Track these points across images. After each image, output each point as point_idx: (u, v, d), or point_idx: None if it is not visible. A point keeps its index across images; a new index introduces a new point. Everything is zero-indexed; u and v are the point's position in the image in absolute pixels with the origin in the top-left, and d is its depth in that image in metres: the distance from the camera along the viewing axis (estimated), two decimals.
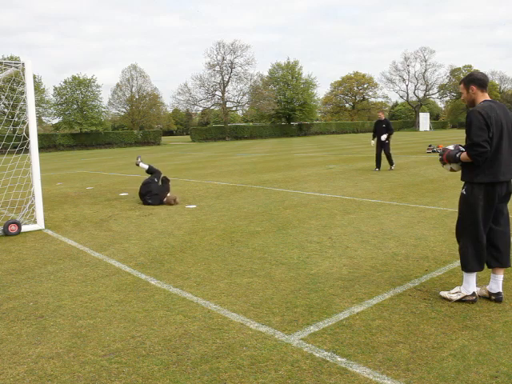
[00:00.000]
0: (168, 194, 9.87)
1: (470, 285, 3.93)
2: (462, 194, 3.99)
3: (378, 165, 14.88)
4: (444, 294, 4.06)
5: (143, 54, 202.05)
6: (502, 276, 3.97)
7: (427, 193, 9.63)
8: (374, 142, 15.33)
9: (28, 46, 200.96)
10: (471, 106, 3.95)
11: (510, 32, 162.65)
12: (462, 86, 4.03)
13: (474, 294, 3.94)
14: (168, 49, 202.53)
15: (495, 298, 3.96)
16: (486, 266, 4.02)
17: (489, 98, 3.92)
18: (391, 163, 14.87)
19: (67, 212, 9.28)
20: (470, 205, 3.89)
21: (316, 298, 4.14)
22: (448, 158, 4.03)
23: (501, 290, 3.97)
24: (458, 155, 3.93)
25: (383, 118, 15.30)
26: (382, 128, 15.04)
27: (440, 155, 4.15)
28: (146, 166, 10.43)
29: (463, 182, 4.00)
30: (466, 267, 3.94)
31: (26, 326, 3.80)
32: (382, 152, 14.92)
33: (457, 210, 4.12)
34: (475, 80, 3.93)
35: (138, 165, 10.58)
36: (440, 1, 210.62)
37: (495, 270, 3.99)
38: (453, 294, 3.99)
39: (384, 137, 14.81)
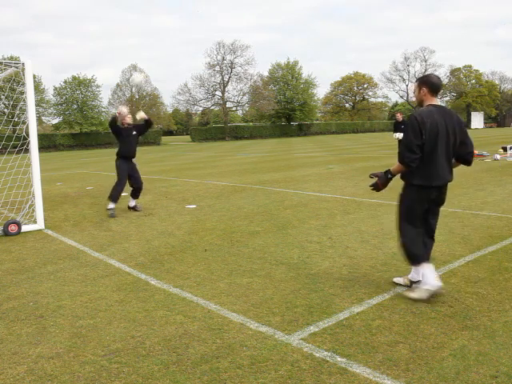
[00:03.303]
0: None
1: (426, 277, 3.98)
2: (399, 194, 4.17)
3: None
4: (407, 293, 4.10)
5: (143, 54, 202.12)
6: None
7: None
8: (397, 135, 15.43)
9: (27, 46, 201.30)
10: (420, 106, 4.05)
11: (510, 32, 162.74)
12: (416, 84, 4.09)
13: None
14: (168, 49, 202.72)
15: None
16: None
17: (436, 103, 3.97)
18: None
19: (67, 212, 9.28)
20: (406, 204, 4.06)
21: (316, 298, 4.14)
22: (383, 184, 4.18)
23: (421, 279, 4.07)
24: (386, 172, 4.12)
25: (401, 119, 15.42)
26: (400, 129, 15.38)
27: (373, 187, 4.29)
28: None
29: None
30: (413, 260, 4.05)
31: (26, 326, 3.80)
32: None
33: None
34: (428, 83, 3.98)
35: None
36: (440, 0, 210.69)
37: None
38: (412, 293, 4.03)
39: (400, 135, 15.27)
